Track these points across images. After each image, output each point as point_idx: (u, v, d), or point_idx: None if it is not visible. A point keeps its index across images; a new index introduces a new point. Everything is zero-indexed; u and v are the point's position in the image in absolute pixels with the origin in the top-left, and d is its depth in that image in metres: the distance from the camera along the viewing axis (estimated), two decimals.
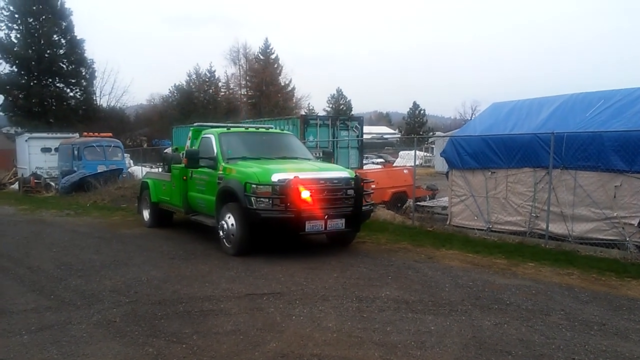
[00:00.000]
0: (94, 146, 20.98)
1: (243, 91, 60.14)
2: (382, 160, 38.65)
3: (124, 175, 19.91)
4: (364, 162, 22.73)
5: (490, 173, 9.70)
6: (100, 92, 43.60)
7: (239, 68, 59.14)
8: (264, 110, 50.58)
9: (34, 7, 36.25)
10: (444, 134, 32.49)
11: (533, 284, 6.16)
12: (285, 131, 11.24)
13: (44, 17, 36.63)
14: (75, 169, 19.88)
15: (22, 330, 4.64)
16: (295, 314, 5.03)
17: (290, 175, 7.24)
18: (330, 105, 74.89)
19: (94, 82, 41.21)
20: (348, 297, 5.58)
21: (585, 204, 8.30)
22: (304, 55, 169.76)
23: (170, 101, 52.75)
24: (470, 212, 10.08)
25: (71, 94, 38.92)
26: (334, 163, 10.19)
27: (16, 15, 36.25)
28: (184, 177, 9.35)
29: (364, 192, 7.94)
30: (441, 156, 11.43)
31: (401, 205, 12.90)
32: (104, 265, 7.24)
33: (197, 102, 51.09)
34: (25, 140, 24.58)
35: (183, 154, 9.59)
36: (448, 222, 10.49)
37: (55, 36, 37.23)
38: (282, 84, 59.38)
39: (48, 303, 5.48)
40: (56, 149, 23.09)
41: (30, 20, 36.45)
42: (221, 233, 7.92)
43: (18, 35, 36.55)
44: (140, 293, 5.81)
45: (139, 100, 58.29)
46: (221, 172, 8.18)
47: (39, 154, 23.99)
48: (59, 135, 25.09)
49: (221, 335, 4.49)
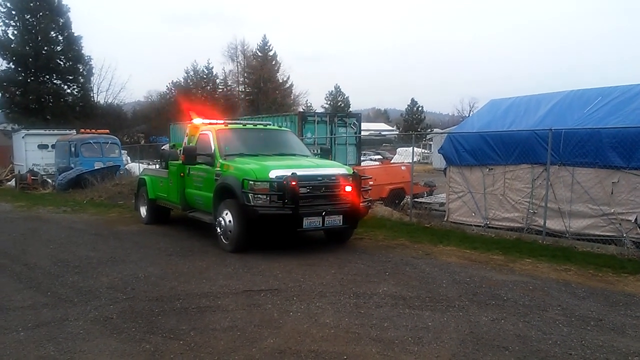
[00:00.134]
0: (91, 143, 20.92)
1: (241, 88, 59.96)
2: (380, 156, 38.67)
3: (121, 172, 19.88)
4: (362, 158, 22.72)
5: (488, 169, 9.70)
6: (98, 88, 43.32)
7: (237, 65, 59.01)
8: (261, 107, 50.50)
9: (31, 4, 36.05)
10: (441, 131, 32.49)
11: (530, 280, 6.18)
12: (283, 128, 11.21)
13: (41, 13, 36.43)
14: (72, 165, 19.84)
15: (18, 327, 4.64)
16: (292, 310, 5.03)
17: (288, 172, 7.23)
18: (328, 102, 74.94)
19: (92, 78, 40.95)
20: (345, 293, 5.59)
21: (582, 200, 8.31)
22: (302, 52, 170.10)
23: (168, 98, 52.59)
24: (467, 209, 10.09)
25: (68, 90, 38.76)
26: (331, 160, 10.18)
27: (13, 12, 36.04)
28: (182, 174, 9.33)
29: (362, 189, 7.95)
30: (439, 153, 11.42)
31: (399, 201, 12.91)
32: (101, 262, 7.23)
33: (195, 99, 50.93)
34: (22, 137, 24.49)
35: (180, 150, 9.57)
36: (446, 219, 10.50)
37: (52, 33, 37.04)
38: (280, 80, 59.22)
39: (45, 300, 5.47)
40: (53, 146, 22.99)
41: (28, 16, 36.25)
42: (219, 230, 7.91)
43: (15, 32, 36.37)
44: (137, 290, 5.80)
45: (136, 97, 58.08)
46: (219, 169, 8.16)
47: (36, 150, 23.90)
48: (56, 132, 24.96)
49: (218, 331, 4.49)
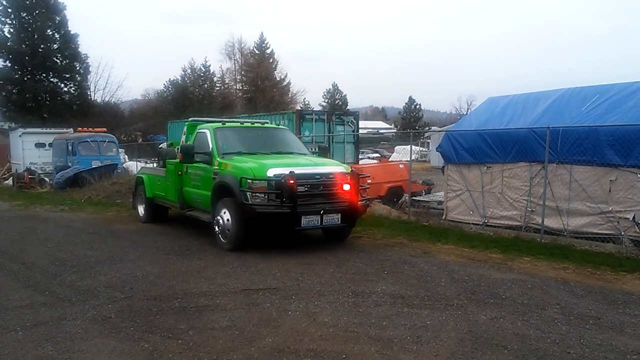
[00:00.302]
0: (88, 141, 20.86)
1: (238, 86, 59.89)
2: (378, 155, 38.71)
3: (118, 171, 19.83)
4: (360, 157, 22.73)
5: (486, 168, 9.71)
6: (95, 87, 43.30)
7: (234, 63, 58.97)
8: (259, 105, 50.45)
9: (27, 2, 35.94)
10: (439, 129, 32.53)
11: (529, 278, 6.18)
12: (280, 126, 11.19)
13: (37, 11, 36.29)
14: (70, 164, 19.78)
15: (16, 326, 4.62)
16: (291, 309, 5.03)
17: (285, 170, 7.22)
18: (326, 100, 74.78)
19: (88, 77, 40.90)
20: (344, 292, 5.59)
21: (580, 198, 8.32)
22: (300, 50, 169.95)
23: (165, 96, 52.50)
24: (466, 207, 10.10)
25: (65, 89, 38.65)
26: (329, 158, 10.17)
27: (9, 10, 35.91)
28: (179, 173, 9.31)
29: (360, 187, 7.94)
30: (437, 151, 11.42)
31: (397, 200, 12.92)
32: (99, 261, 7.22)
33: (192, 97, 50.83)
34: (19, 136, 24.40)
35: (178, 149, 9.55)
36: (444, 217, 10.50)
37: (49, 31, 36.90)
38: (278, 78, 59.16)
39: (43, 299, 5.45)
40: (50, 144, 22.93)
41: (24, 14, 36.11)
42: (217, 228, 7.90)
43: (11, 30, 36.24)
44: (135, 289, 5.79)
45: (133, 95, 57.94)
46: (216, 167, 8.14)
47: (33, 149, 23.83)
48: (53, 130, 24.91)
49: (217, 330, 4.48)
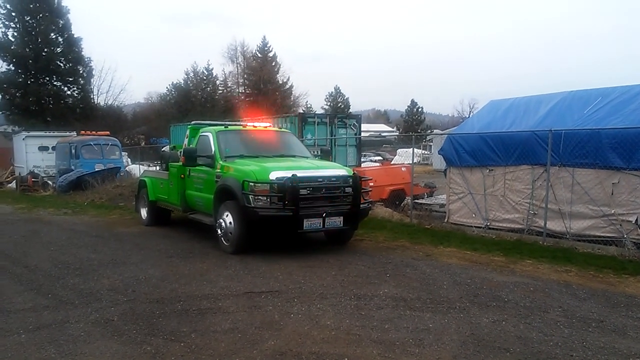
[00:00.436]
0: (91, 145, 20.93)
1: (241, 89, 60.00)
2: (380, 158, 38.66)
3: (121, 174, 19.89)
4: (362, 160, 22.71)
5: (488, 170, 9.70)
6: (98, 90, 43.38)
7: (237, 66, 59.04)
8: (261, 108, 50.48)
9: (31, 5, 36.09)
10: (442, 132, 32.47)
11: (531, 281, 6.17)
12: (283, 129, 11.21)
13: (41, 15, 36.46)
14: (73, 167, 19.83)
15: (19, 329, 4.63)
16: (293, 312, 5.03)
17: (288, 174, 7.23)
18: (328, 103, 74.92)
19: (92, 80, 41.02)
20: (346, 295, 5.59)
21: (583, 201, 8.31)
22: (302, 54, 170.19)
23: (168, 99, 52.64)
24: (468, 210, 10.09)
25: (68, 92, 38.79)
26: (332, 161, 10.18)
27: (13, 14, 36.09)
28: (182, 176, 9.34)
29: (362, 190, 7.94)
30: (439, 154, 11.42)
31: (399, 203, 12.90)
32: (102, 263, 7.24)
33: (195, 100, 50.99)
34: (23, 139, 24.51)
35: (181, 152, 9.57)
36: (446, 220, 10.50)
37: (52, 34, 37.08)
38: (280, 82, 59.23)
39: (46, 302, 5.47)
40: (53, 148, 23.01)
41: (27, 18, 36.30)
42: (219, 231, 7.91)
43: (15, 34, 36.41)
44: (138, 292, 5.80)
45: (136, 99, 58.16)
46: (219, 170, 8.16)
47: (37, 152, 23.93)
48: (56, 133, 25.02)
49: (219, 333, 4.48)
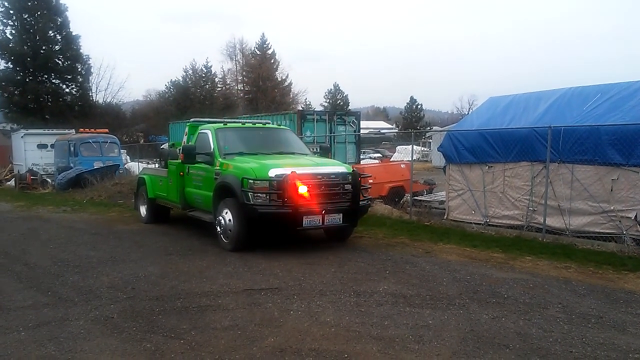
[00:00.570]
0: (90, 142, 20.89)
1: (240, 86, 59.92)
2: (379, 155, 38.67)
3: (120, 172, 19.87)
4: (362, 157, 22.72)
5: (487, 167, 9.70)
6: (96, 88, 43.22)
7: (236, 63, 58.97)
8: (260, 106, 50.48)
9: (29, 3, 35.96)
10: (441, 129, 32.50)
11: (530, 278, 6.18)
12: (282, 126, 11.20)
13: (39, 13, 36.32)
14: (72, 165, 19.82)
15: (19, 326, 4.64)
16: (293, 309, 5.04)
17: (287, 171, 7.22)
18: (328, 101, 74.80)
19: (90, 78, 40.85)
20: (346, 291, 5.59)
21: (582, 197, 8.31)
22: (301, 51, 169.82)
23: (167, 97, 52.53)
24: (467, 207, 10.09)
25: (67, 90, 38.65)
26: (331, 158, 10.17)
27: (11, 11, 35.94)
28: (181, 173, 9.33)
29: (362, 187, 7.95)
30: (438, 151, 11.42)
31: (399, 200, 12.91)
32: (101, 261, 7.23)
33: (194, 98, 50.86)
34: (21, 137, 24.47)
35: (180, 149, 9.56)
36: (445, 217, 10.50)
37: (50, 32, 36.93)
38: (279, 79, 59.15)
39: (45, 299, 5.47)
40: (52, 146, 22.98)
41: (26, 16, 36.15)
42: (218, 229, 7.91)
43: (13, 32, 36.28)
44: (137, 289, 5.80)
45: (135, 96, 57.96)
46: (218, 168, 8.16)
47: (35, 150, 23.89)
48: (55, 131, 24.94)
49: (219, 330, 4.49)
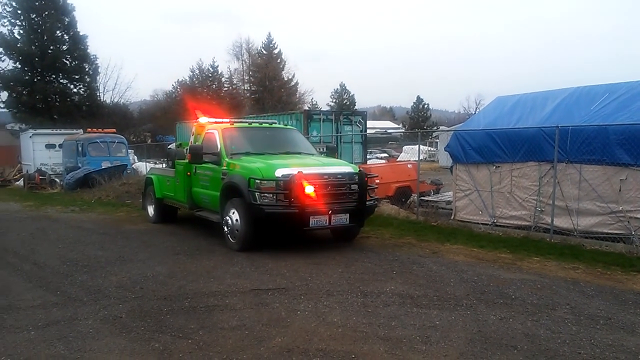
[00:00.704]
0: (98, 142, 21.03)
1: (246, 86, 59.97)
2: (386, 155, 38.62)
3: (128, 171, 19.98)
4: (368, 156, 22.69)
5: (494, 167, 9.66)
6: (104, 88, 43.38)
7: (242, 63, 58.99)
8: (267, 106, 50.51)
9: (37, 3, 36.17)
10: (448, 129, 32.40)
11: (538, 279, 6.15)
12: (288, 126, 11.21)
13: (46, 13, 36.53)
14: (80, 165, 19.96)
15: (29, 326, 4.68)
16: (300, 309, 5.05)
17: (294, 171, 7.24)
18: (334, 100, 74.76)
19: (98, 78, 40.97)
20: (353, 292, 5.59)
21: (590, 197, 8.26)
22: (307, 51, 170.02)
23: (174, 97, 52.69)
24: (474, 207, 10.06)
25: (75, 90, 38.82)
26: (337, 158, 10.18)
27: (19, 12, 36.15)
28: (188, 173, 9.36)
29: (368, 187, 7.94)
30: (445, 151, 11.39)
31: (405, 200, 12.89)
32: (110, 261, 7.28)
33: (201, 98, 51.01)
34: (30, 137, 24.68)
35: (187, 149, 9.60)
36: (452, 217, 10.47)
37: (58, 32, 37.11)
38: (285, 79, 59.12)
39: (54, 299, 5.51)
40: (60, 145, 23.16)
41: (33, 16, 36.36)
42: (225, 229, 7.94)
43: (21, 31, 36.49)
44: (145, 289, 5.83)
45: (142, 96, 58.05)
46: (225, 168, 8.18)
47: (44, 150, 24.08)
48: (63, 131, 25.13)
49: (227, 330, 4.50)
